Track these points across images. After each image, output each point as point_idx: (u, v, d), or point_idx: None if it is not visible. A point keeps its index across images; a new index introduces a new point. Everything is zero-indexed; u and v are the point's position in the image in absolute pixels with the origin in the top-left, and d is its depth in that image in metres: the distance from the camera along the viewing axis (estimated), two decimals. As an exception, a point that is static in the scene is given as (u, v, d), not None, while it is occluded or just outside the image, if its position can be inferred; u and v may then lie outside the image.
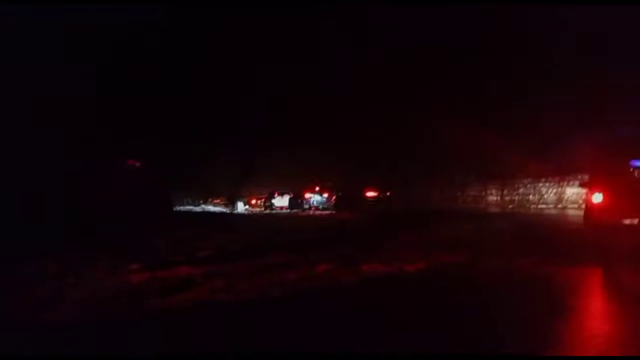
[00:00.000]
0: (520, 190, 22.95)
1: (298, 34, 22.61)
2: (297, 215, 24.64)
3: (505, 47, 19.12)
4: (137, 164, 16.95)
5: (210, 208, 38.47)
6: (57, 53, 12.79)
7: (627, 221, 7.33)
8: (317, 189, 30.30)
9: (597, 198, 7.65)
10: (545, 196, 20.91)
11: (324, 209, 27.94)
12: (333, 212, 25.29)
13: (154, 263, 6.84)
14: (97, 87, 14.42)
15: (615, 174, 7.67)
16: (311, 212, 26.51)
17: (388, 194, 24.63)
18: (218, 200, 48.06)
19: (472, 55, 20.45)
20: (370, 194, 25.02)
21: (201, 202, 48.44)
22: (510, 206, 22.09)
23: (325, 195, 29.54)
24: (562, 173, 19.72)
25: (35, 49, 12.17)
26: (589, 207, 8.00)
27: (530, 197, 22.21)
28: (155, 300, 4.98)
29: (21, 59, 11.74)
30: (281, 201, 32.88)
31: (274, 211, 31.33)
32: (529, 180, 22.46)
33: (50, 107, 11.81)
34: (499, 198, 24.00)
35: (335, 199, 27.67)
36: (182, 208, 36.31)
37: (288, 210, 30.21)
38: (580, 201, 10.70)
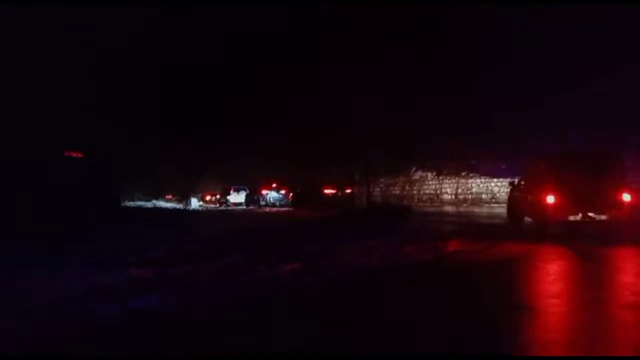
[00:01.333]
0: (474, 189, 23.47)
1: (252, 28, 22.25)
2: (253, 212, 24.18)
3: (467, 48, 19.45)
4: (77, 155, 16.01)
5: (162, 204, 37.17)
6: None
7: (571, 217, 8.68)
8: (274, 185, 29.91)
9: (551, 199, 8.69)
10: (497, 195, 21.44)
11: (280, 205, 27.57)
12: (290, 208, 24.98)
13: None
14: (52, 74, 13.63)
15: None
16: (267, 209, 26.07)
17: (348, 191, 24.54)
18: (170, 196, 46.65)
19: (436, 51, 20.68)
20: (328, 191, 24.88)
21: (153, 198, 46.86)
22: (465, 205, 22.50)
23: (282, 192, 29.20)
24: (513, 174, 20.18)
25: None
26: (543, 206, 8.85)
27: (483, 195, 22.74)
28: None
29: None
30: (237, 197, 32.24)
31: (229, 207, 30.65)
32: (482, 179, 23.01)
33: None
34: (453, 196, 24.44)
35: (292, 196, 27.37)
36: (131, 204, 34.97)
37: (244, 207, 29.62)
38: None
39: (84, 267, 6.22)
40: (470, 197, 23.43)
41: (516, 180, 11.42)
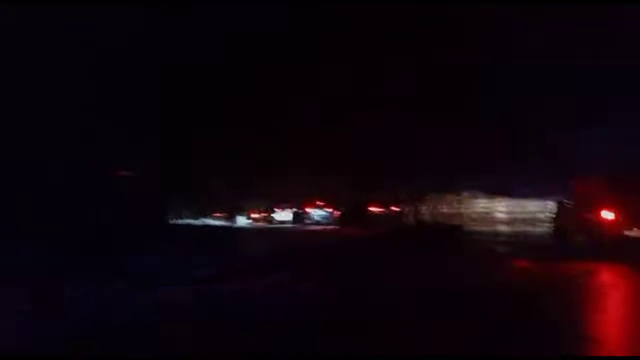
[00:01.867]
0: (529, 209, 22.38)
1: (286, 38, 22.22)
2: (299, 230, 24.14)
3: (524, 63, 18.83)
4: (129, 175, 16.40)
5: (211, 221, 37.84)
6: (55, 58, 12.42)
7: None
8: (320, 203, 29.78)
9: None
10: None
11: (326, 224, 27.38)
12: (336, 227, 24.75)
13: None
14: (99, 93, 14.00)
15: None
16: (313, 228, 25.93)
17: (394, 209, 24.06)
18: (218, 214, 47.40)
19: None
20: (374, 209, 24.51)
21: (201, 215, 47.74)
22: (518, 224, 21.51)
23: (329, 210, 29.03)
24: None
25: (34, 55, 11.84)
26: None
27: (539, 214, 21.64)
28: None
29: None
30: (282, 215, 32.33)
31: (274, 225, 30.78)
32: (537, 199, 21.93)
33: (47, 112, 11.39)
34: (507, 215, 23.44)
35: (339, 214, 27.15)
36: (180, 221, 35.76)
37: (290, 225, 29.62)
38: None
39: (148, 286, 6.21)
40: (523, 216, 22.39)
41: (564, 200, 11.93)
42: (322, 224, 27.40)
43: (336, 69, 24.07)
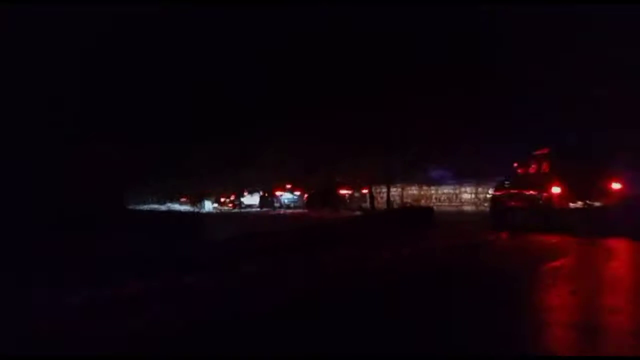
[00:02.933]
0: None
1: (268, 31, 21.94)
2: (266, 215, 23.70)
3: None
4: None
5: (177, 207, 36.95)
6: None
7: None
8: (289, 186, 29.34)
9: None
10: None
11: (295, 207, 27.00)
12: (304, 210, 24.42)
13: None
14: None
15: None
16: (282, 212, 25.54)
17: (364, 191, 23.82)
18: (185, 199, 46.38)
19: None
20: (343, 192, 24.24)
21: (167, 200, 46.65)
22: (485, 204, 21.65)
23: (297, 193, 28.61)
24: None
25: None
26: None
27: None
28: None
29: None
30: (250, 199, 31.78)
31: (243, 210, 30.23)
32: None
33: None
34: (473, 196, 23.61)
35: (307, 197, 26.79)
36: (144, 207, 34.78)
37: (258, 209, 29.13)
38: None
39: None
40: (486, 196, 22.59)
41: (503, 179, 12.79)
42: (291, 208, 27.02)
43: (306, 55, 23.99)
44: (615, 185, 10.02)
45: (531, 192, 10.91)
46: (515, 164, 12.28)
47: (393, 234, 10.03)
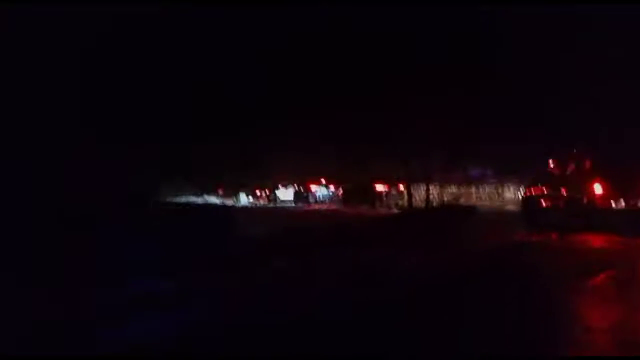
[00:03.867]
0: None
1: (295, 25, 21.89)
2: (302, 211, 23.56)
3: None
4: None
5: (213, 199, 37.31)
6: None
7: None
8: (323, 181, 29.06)
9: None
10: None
11: (330, 202, 26.73)
12: (339, 207, 24.11)
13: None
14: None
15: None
16: (317, 207, 25.32)
17: (401, 189, 23.27)
18: (221, 191, 46.75)
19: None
20: (379, 188, 23.78)
21: (204, 192, 47.18)
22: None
23: (332, 188, 28.31)
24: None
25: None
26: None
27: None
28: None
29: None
30: (285, 194, 31.70)
31: (278, 205, 30.20)
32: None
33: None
34: (515, 195, 22.74)
35: (342, 193, 26.45)
36: (181, 200, 35.27)
37: (292, 204, 29.02)
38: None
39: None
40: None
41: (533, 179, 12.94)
42: (325, 203, 26.76)
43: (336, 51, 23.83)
44: None
45: (570, 191, 10.68)
46: (550, 163, 12.10)
47: (436, 234, 9.61)
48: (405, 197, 22.83)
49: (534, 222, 11.67)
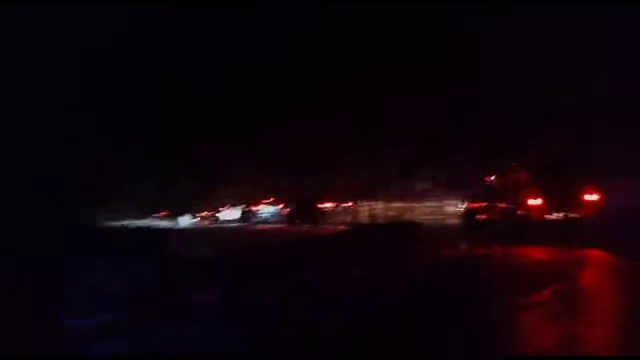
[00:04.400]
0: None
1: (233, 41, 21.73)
2: (243, 230, 22.87)
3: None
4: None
5: (158, 223, 35.75)
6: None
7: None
8: (270, 201, 28.41)
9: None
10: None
11: (274, 222, 26.05)
12: (284, 225, 23.55)
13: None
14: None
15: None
16: (259, 227, 24.62)
17: (350, 205, 23.02)
18: (163, 214, 45.04)
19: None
20: (325, 205, 23.44)
21: (149, 215, 45.20)
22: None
23: (279, 207, 27.66)
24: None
25: None
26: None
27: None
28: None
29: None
30: (229, 214, 30.78)
31: (222, 225, 29.21)
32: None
33: None
34: (457, 209, 23.02)
35: (289, 212, 25.88)
36: (119, 223, 33.50)
37: (235, 224, 28.12)
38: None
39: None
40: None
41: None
42: (270, 222, 26.07)
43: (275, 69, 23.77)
44: (591, 197, 10.08)
45: (507, 204, 10.77)
46: (488, 177, 12.33)
47: (380, 251, 9.21)
48: (352, 214, 22.63)
49: (474, 235, 11.89)
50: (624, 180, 12.75)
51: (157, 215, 45.17)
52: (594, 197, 10.10)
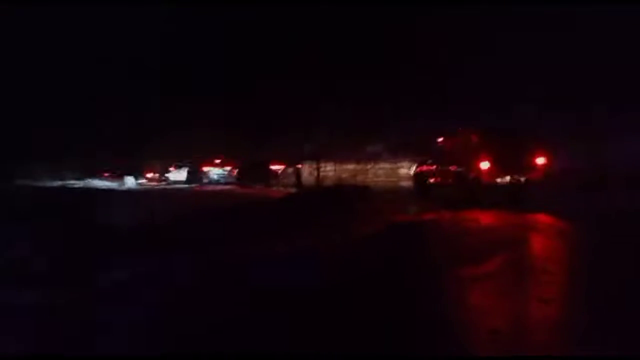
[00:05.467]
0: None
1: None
2: (189, 192, 21.98)
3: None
4: None
5: (97, 183, 33.97)
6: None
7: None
8: (218, 161, 27.43)
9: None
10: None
11: (225, 183, 25.23)
12: (233, 187, 22.82)
13: None
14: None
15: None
16: (209, 188, 23.74)
17: (299, 166, 22.39)
18: (108, 174, 43.01)
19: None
20: (275, 167, 22.75)
21: (87, 176, 43.05)
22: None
23: (228, 168, 26.78)
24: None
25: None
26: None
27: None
28: None
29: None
30: (177, 175, 29.65)
31: (170, 186, 28.10)
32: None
33: None
34: (410, 171, 22.91)
35: (237, 173, 25.10)
36: (55, 184, 31.66)
37: (184, 185, 27.08)
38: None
39: None
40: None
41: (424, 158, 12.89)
42: (220, 184, 25.24)
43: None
44: (540, 160, 10.09)
45: (457, 167, 10.72)
46: (439, 140, 12.12)
47: (323, 216, 8.67)
48: (302, 176, 22.07)
49: (424, 198, 11.74)
50: (570, 143, 13.12)
51: (103, 175, 43.19)
52: (542, 160, 10.11)
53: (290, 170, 22.50)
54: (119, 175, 33.81)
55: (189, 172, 29.10)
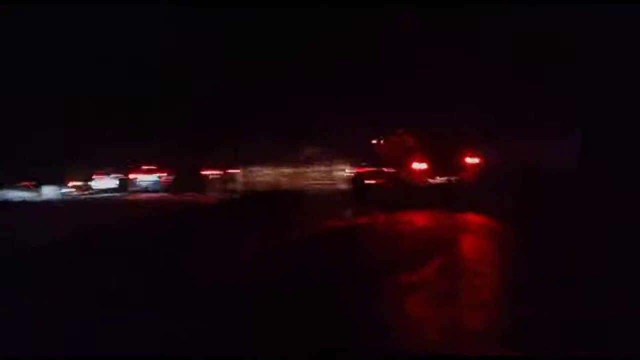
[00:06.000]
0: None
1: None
2: (120, 202, 20.74)
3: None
4: None
5: (15, 194, 31.32)
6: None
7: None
8: (149, 168, 26.10)
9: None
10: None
11: (154, 191, 24.01)
12: (164, 194, 21.79)
13: None
14: None
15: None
16: (141, 196, 22.55)
17: (236, 171, 21.76)
18: (28, 184, 39.85)
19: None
20: (209, 173, 22.00)
21: (6, 187, 39.74)
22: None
23: (160, 175, 25.55)
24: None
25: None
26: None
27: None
28: None
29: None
30: (102, 183, 27.89)
31: (95, 196, 26.37)
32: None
33: None
34: (346, 174, 22.98)
35: (170, 180, 24.01)
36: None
37: (109, 195, 25.53)
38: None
39: None
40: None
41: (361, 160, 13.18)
42: (150, 191, 23.99)
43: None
44: (472, 160, 10.40)
45: (391, 169, 11.01)
46: (374, 142, 12.25)
47: (254, 224, 8.26)
48: (237, 181, 21.49)
49: (361, 200, 11.68)
50: (503, 141, 13.41)
51: (21, 184, 39.95)
52: (474, 160, 10.40)
53: (225, 176, 21.84)
54: (37, 185, 31.38)
55: (120, 180, 27.52)
